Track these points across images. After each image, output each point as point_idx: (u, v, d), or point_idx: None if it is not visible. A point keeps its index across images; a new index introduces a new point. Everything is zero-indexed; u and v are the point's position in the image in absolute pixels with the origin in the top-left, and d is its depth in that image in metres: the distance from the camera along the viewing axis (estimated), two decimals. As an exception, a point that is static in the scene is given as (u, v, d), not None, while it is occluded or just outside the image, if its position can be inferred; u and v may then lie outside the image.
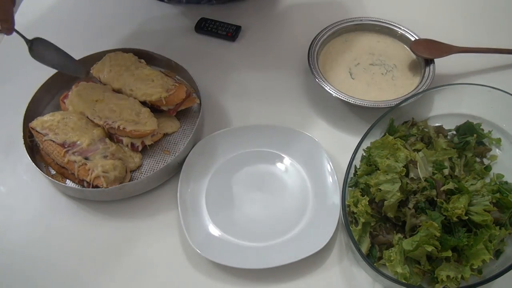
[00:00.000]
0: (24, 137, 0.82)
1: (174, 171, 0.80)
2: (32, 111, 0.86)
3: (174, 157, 0.79)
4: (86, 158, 0.77)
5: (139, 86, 0.84)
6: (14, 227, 0.78)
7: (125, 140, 0.81)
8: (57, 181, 0.77)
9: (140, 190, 0.79)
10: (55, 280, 0.72)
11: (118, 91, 0.87)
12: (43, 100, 0.91)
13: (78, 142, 0.79)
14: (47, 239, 0.76)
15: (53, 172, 0.82)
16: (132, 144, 0.82)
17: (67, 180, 0.81)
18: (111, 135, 0.83)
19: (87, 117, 0.83)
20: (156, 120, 0.82)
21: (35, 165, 0.77)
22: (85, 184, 0.78)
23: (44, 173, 0.77)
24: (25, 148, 0.79)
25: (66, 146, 0.79)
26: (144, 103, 0.85)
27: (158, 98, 0.83)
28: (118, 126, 0.80)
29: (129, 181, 0.79)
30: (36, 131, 0.82)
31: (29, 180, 0.82)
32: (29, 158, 0.78)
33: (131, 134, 0.80)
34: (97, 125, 0.83)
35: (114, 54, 0.90)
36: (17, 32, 0.77)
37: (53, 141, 0.80)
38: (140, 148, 0.82)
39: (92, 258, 0.74)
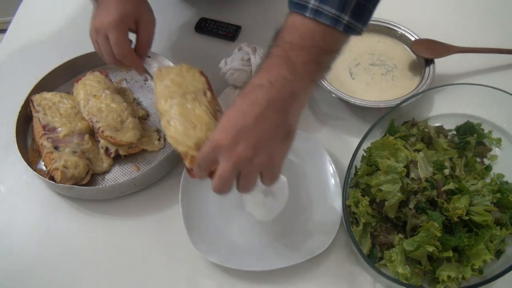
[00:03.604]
0: (23, 107, 0.85)
1: (128, 190, 0.78)
2: (45, 85, 0.89)
3: (135, 176, 0.76)
4: (56, 147, 0.78)
5: (177, 124, 0.65)
6: (14, 227, 0.78)
7: (102, 142, 0.81)
8: (47, 180, 0.76)
9: (89, 196, 0.78)
10: (54, 281, 0.72)
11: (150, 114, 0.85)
12: (61, 77, 0.92)
13: (58, 130, 0.80)
14: (46, 239, 0.76)
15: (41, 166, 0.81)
16: (107, 149, 0.81)
17: (41, 161, 0.81)
18: (94, 133, 0.83)
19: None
20: (139, 134, 0.81)
21: (29, 167, 0.77)
22: (45, 172, 0.78)
23: (40, 175, 0.77)
24: (18, 149, 0.79)
25: (45, 129, 0.80)
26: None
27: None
28: (99, 128, 0.80)
29: (86, 184, 0.78)
30: (33, 104, 0.84)
31: (29, 179, 0.82)
32: (24, 161, 0.78)
33: (107, 139, 0.80)
34: (85, 119, 0.83)
35: (188, 69, 0.72)
36: (146, 71, 0.82)
37: (39, 120, 0.81)
38: (113, 155, 0.81)
39: (91, 258, 0.74)
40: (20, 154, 0.78)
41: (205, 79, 0.71)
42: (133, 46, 0.78)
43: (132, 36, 0.78)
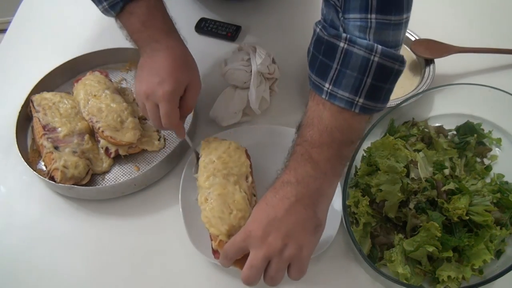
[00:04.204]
0: (23, 107, 0.84)
1: (128, 190, 0.78)
2: (45, 85, 0.89)
3: (135, 176, 0.77)
4: (56, 147, 0.78)
5: (214, 205, 0.67)
6: (14, 228, 0.78)
7: (102, 143, 0.81)
8: (47, 180, 0.76)
9: (89, 196, 0.78)
10: (54, 280, 0.72)
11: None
12: (61, 77, 0.92)
13: (58, 130, 0.80)
14: (46, 239, 0.76)
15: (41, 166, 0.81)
16: (107, 149, 0.81)
17: (41, 161, 0.81)
18: (94, 133, 0.83)
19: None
20: (139, 134, 0.81)
21: (29, 167, 0.77)
22: (45, 172, 0.78)
23: (40, 175, 0.76)
24: (18, 149, 0.79)
25: (45, 129, 0.80)
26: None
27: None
28: (99, 128, 0.80)
29: (86, 184, 0.78)
30: (33, 104, 0.84)
31: (29, 180, 0.82)
32: (24, 161, 0.78)
33: (107, 139, 0.80)
34: (85, 119, 0.83)
35: (235, 148, 0.73)
36: (187, 139, 0.77)
37: (39, 120, 0.81)
38: (113, 155, 0.81)
39: (92, 258, 0.74)
40: (20, 154, 0.78)
41: (250, 162, 0.73)
42: None
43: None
